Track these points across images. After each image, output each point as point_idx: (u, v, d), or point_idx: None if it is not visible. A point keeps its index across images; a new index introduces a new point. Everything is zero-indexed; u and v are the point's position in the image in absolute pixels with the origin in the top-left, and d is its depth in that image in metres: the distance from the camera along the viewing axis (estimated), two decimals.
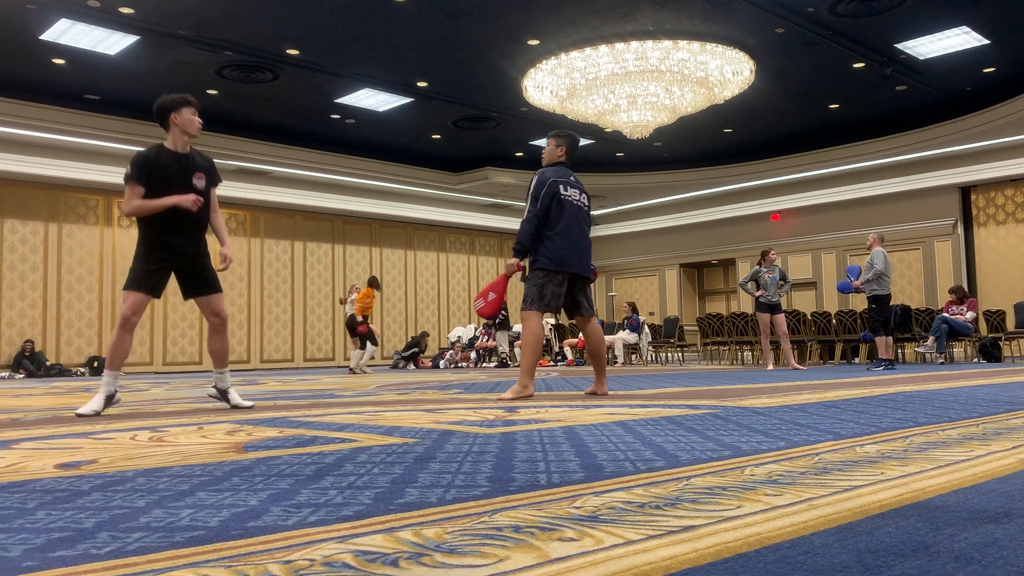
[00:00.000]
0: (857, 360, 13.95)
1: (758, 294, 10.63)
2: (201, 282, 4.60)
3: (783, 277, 10.76)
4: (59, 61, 12.31)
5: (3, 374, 14.33)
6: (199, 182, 4.53)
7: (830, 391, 5.24)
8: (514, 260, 5.17)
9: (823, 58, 12.63)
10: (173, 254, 4.45)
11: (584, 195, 5.30)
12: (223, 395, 4.69)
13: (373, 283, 12.82)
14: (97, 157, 15.29)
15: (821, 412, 3.59)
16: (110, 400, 4.34)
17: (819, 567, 1.09)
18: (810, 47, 12.18)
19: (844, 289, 10.56)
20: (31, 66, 12.50)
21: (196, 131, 4.54)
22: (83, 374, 15.03)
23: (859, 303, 14.53)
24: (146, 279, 4.39)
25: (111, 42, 11.59)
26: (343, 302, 14.18)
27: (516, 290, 17.06)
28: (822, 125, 16.36)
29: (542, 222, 5.06)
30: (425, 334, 17.73)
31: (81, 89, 13.59)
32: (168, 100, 4.53)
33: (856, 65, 12.92)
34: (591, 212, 5.41)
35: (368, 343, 12.82)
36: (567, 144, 5.38)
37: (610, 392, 5.42)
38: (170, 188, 4.37)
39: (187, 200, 4.34)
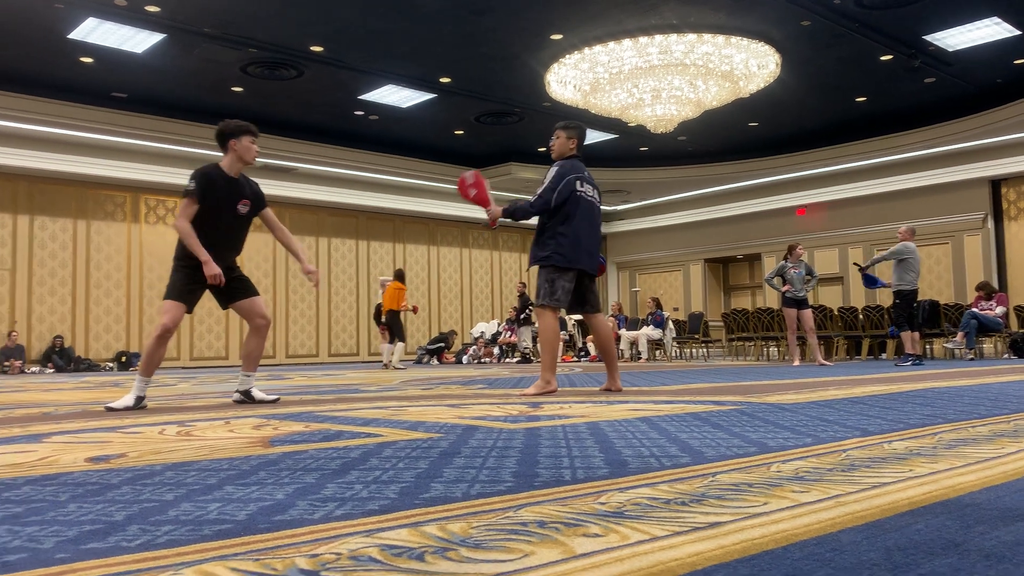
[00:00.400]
0: (884, 356, 13.80)
1: (784, 289, 10.54)
2: (238, 288, 4.69)
3: (809, 272, 10.65)
4: (87, 60, 12.46)
5: (34, 368, 14.55)
6: (243, 208, 4.65)
7: (857, 387, 5.19)
8: (498, 210, 5.16)
9: (850, 50, 12.49)
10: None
11: (596, 190, 5.27)
12: (247, 396, 4.73)
13: (400, 276, 12.92)
14: (124, 154, 15.46)
15: (848, 408, 3.56)
16: (139, 402, 4.38)
17: (847, 564, 1.08)
18: (836, 39, 12.05)
19: (871, 283, 10.45)
20: (59, 65, 12.66)
21: (252, 160, 4.67)
22: (111, 369, 15.23)
23: (886, 298, 14.37)
24: (188, 294, 4.48)
25: (137, 40, 11.71)
26: (415, 310, 14.25)
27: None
28: (849, 118, 16.18)
29: (552, 216, 5.03)
30: (453, 332, 17.82)
31: (108, 87, 13.75)
32: (231, 126, 4.67)
33: (883, 57, 12.76)
34: (601, 206, 5.36)
35: (396, 337, 12.87)
36: (578, 135, 5.34)
37: (634, 388, 5.40)
38: (219, 211, 4.51)
39: (211, 274, 4.39)
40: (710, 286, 22.24)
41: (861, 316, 13.67)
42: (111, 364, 15.52)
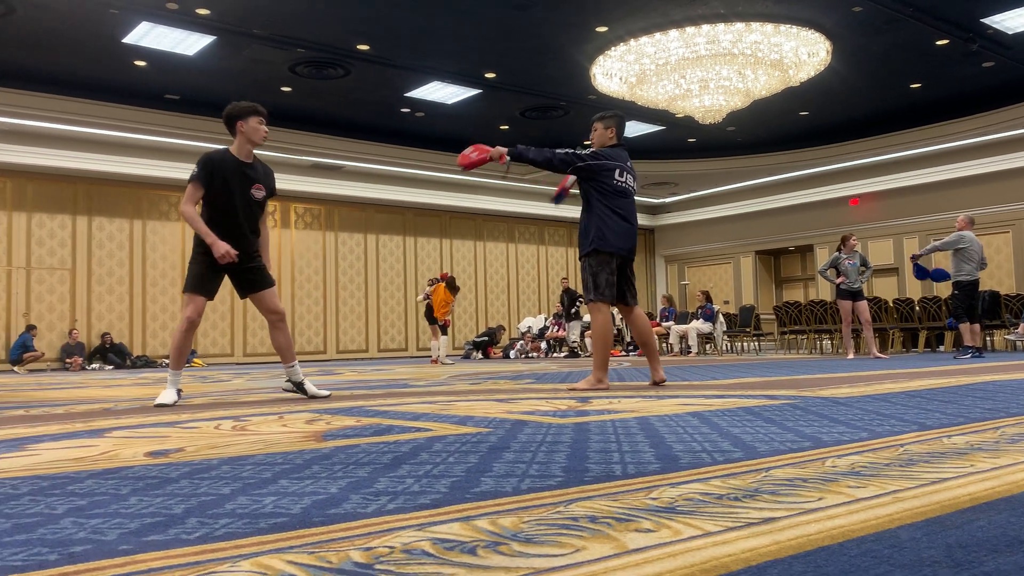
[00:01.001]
0: (942, 348, 13.47)
1: (838, 281, 10.35)
2: (254, 280, 4.63)
3: (864, 263, 10.44)
4: (140, 63, 12.75)
5: (94, 365, 14.97)
6: (257, 193, 4.58)
7: (914, 380, 5.07)
8: (504, 151, 5.03)
9: (904, 36, 12.18)
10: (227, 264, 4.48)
11: (632, 175, 5.20)
12: (299, 387, 4.74)
13: (450, 284, 13.46)
14: (178, 155, 15.80)
15: (905, 402, 3.48)
16: (180, 395, 4.49)
17: (906, 562, 1.06)
18: (890, 25, 11.76)
19: (938, 277, 10.19)
20: (115, 69, 12.98)
21: (261, 140, 4.61)
22: (167, 365, 15.56)
23: (943, 290, 14.02)
24: (207, 283, 4.48)
25: (189, 43, 11.95)
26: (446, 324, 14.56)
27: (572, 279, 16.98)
28: (903, 105, 15.80)
29: (593, 205, 4.97)
30: (500, 328, 17.93)
31: (161, 89, 14.05)
32: (236, 108, 4.60)
33: (939, 42, 12.43)
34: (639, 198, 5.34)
35: (442, 332, 13.24)
36: (616, 124, 5.24)
37: (684, 382, 5.35)
38: (230, 196, 4.47)
39: (220, 253, 4.36)
40: (761, 278, 21.94)
41: (918, 308, 13.35)
42: (167, 360, 15.86)
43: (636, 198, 5.22)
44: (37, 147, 14.55)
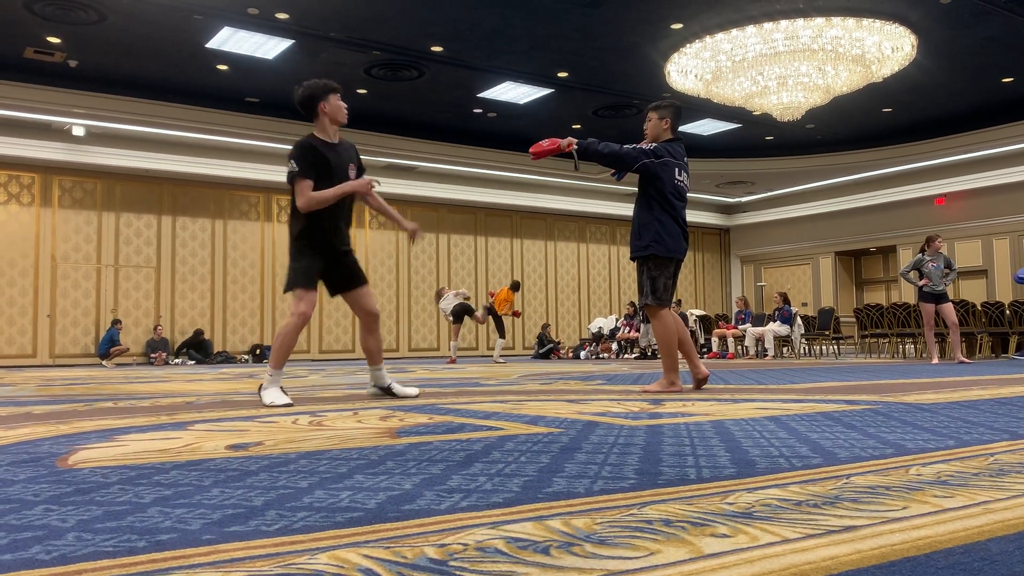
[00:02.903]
0: None
1: (921, 283, 10.00)
2: (348, 275, 4.42)
3: (948, 265, 10.07)
4: (223, 67, 13.15)
5: (176, 360, 15.51)
6: (352, 172, 4.37)
7: (1004, 387, 4.86)
8: (571, 141, 4.82)
9: (995, 28, 11.70)
10: (327, 250, 4.27)
11: (686, 172, 4.99)
12: (387, 391, 4.59)
13: (515, 286, 14.04)
14: (257, 156, 16.26)
15: (995, 409, 3.34)
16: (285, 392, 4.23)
17: (998, 575, 1.02)
18: (980, 17, 11.31)
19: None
20: (198, 73, 13.42)
21: (344, 118, 4.35)
22: (247, 361, 16.03)
23: None
24: (314, 275, 4.24)
25: (268, 47, 12.27)
26: (516, 314, 14.93)
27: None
28: (994, 101, 15.16)
29: (651, 204, 4.83)
30: (546, 325, 18.22)
31: (243, 93, 14.46)
32: (314, 87, 4.31)
33: None
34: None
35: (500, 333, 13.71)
36: (671, 115, 5.01)
37: (760, 386, 5.24)
38: (331, 181, 4.18)
39: (363, 184, 4.22)
40: (841, 280, 21.35)
41: (1008, 311, 12.80)
42: (246, 356, 16.34)
43: (710, 197, 5.12)
44: (125, 149, 15.16)
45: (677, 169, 4.87)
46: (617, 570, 1.05)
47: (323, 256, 4.26)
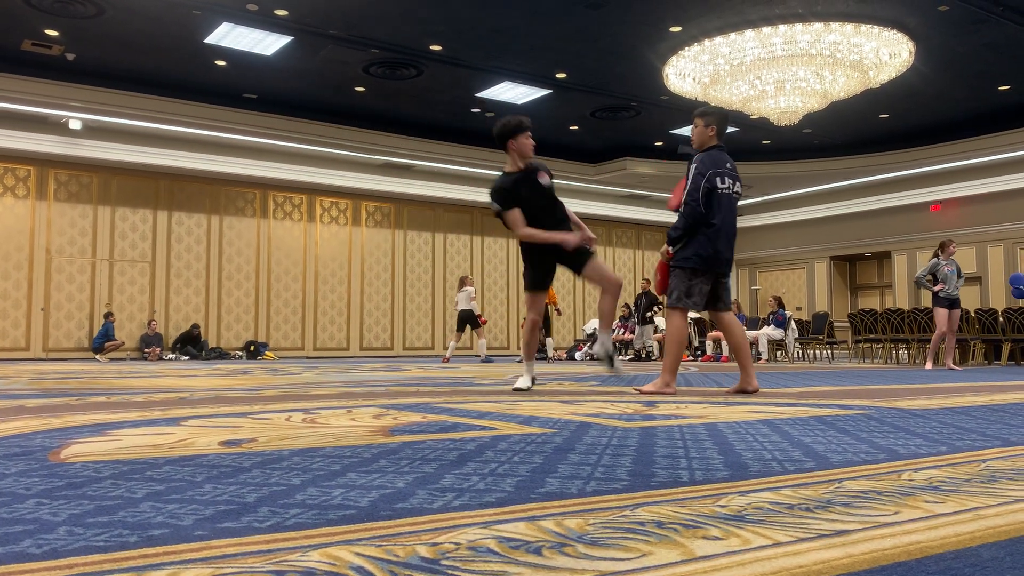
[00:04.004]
0: None
1: (936, 288, 9.98)
2: (580, 253, 5.01)
3: (957, 271, 10.07)
4: (221, 63, 13.13)
5: (170, 355, 15.48)
6: (543, 180, 4.99)
7: (997, 394, 4.88)
8: (665, 247, 4.94)
9: (992, 36, 11.74)
10: (547, 255, 5.05)
11: (737, 183, 4.93)
12: (609, 359, 5.12)
13: None
14: (254, 153, 16.24)
15: (987, 416, 3.35)
16: (534, 382, 5.16)
17: None
18: (977, 25, 11.35)
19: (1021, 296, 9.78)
20: (196, 68, 13.40)
21: (530, 154, 4.97)
22: (240, 357, 16.01)
23: None
24: (541, 279, 5.14)
25: (267, 43, 12.26)
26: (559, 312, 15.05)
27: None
28: (990, 108, 15.22)
29: (704, 214, 4.76)
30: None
31: (240, 89, 14.45)
32: (507, 127, 4.94)
33: None
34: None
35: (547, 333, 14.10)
36: (717, 122, 4.97)
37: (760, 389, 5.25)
38: (530, 207, 4.91)
39: (570, 241, 4.88)
40: (836, 285, 21.40)
41: (1001, 319, 12.84)
42: (240, 353, 16.32)
43: None
44: (122, 144, 15.13)
45: (719, 178, 4.79)
46: (609, 571, 1.05)
47: (542, 258, 5.07)
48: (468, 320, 13.23)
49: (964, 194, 17.94)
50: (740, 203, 5.15)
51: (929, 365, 10.27)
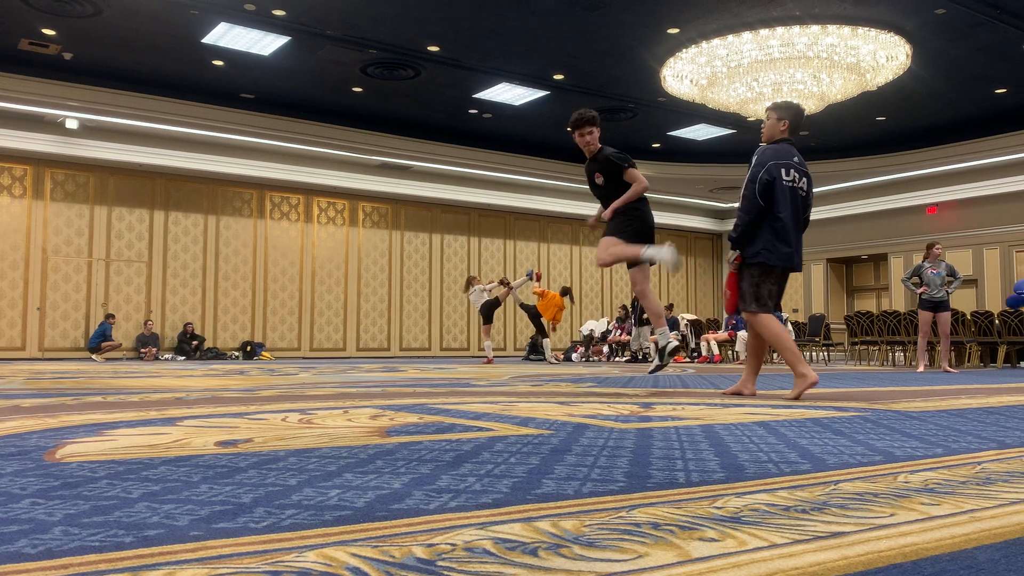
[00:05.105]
0: (1023, 364, 12.95)
1: (919, 291, 10.00)
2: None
3: (951, 272, 10.05)
4: (218, 63, 13.12)
5: (167, 355, 15.45)
6: (598, 179, 5.34)
7: (992, 396, 4.89)
8: (733, 253, 4.72)
9: (989, 39, 11.76)
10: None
11: (805, 178, 4.70)
12: (661, 354, 5.17)
13: (566, 292, 14.22)
14: (251, 153, 16.22)
15: (983, 418, 3.35)
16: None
17: None
18: (974, 28, 11.37)
19: (1016, 303, 9.79)
20: (194, 68, 13.39)
21: (583, 147, 5.43)
22: (237, 357, 15.99)
23: None
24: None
25: (265, 43, 12.25)
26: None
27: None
28: (987, 111, 15.26)
29: (762, 207, 4.54)
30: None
31: (237, 89, 14.43)
32: (570, 121, 5.47)
33: None
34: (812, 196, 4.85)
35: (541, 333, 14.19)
36: (790, 116, 4.75)
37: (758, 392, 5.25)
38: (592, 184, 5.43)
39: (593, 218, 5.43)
40: (832, 287, 21.42)
41: (997, 321, 12.86)
42: (237, 353, 16.30)
43: (703, 202, 5.12)
44: (119, 143, 15.11)
45: (783, 169, 4.59)
46: (605, 572, 1.05)
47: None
48: (493, 307, 13.24)
49: (961, 197, 17.98)
50: (735, 205, 5.09)
51: (921, 368, 10.29)
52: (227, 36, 11.96)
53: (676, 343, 5.20)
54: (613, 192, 5.24)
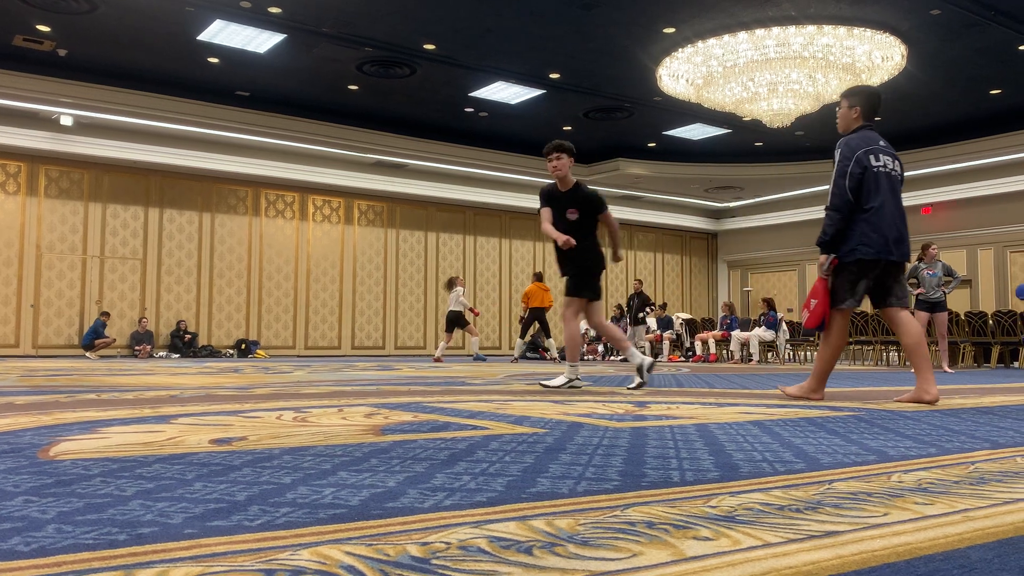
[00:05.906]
0: (1017, 364, 13.00)
1: (916, 292, 10.01)
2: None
3: (949, 273, 10.06)
4: (213, 60, 13.09)
5: (161, 353, 15.42)
6: (571, 215, 5.50)
7: (986, 396, 4.90)
8: (823, 257, 4.38)
9: (984, 40, 11.79)
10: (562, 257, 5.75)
11: (897, 161, 4.40)
12: (639, 370, 5.30)
13: (539, 277, 14.09)
14: (247, 151, 16.19)
15: (976, 418, 3.37)
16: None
17: None
18: (969, 29, 11.40)
19: None
20: (189, 65, 13.35)
21: (552, 174, 5.53)
22: (232, 355, 15.96)
23: (1020, 303, 13.51)
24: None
25: (260, 41, 12.22)
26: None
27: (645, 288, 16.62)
28: (982, 112, 15.30)
29: (853, 203, 4.26)
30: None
31: (233, 86, 14.40)
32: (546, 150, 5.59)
33: (1022, 47, 11.99)
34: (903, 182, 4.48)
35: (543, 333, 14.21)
36: (862, 102, 4.47)
37: (744, 391, 5.25)
38: (559, 214, 5.55)
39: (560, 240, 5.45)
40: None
41: (991, 321, 12.90)
42: (231, 351, 16.27)
43: (699, 201, 5.11)
44: (113, 140, 15.06)
45: (872, 156, 4.30)
46: (599, 571, 1.05)
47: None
48: (456, 321, 13.16)
49: (956, 197, 18.03)
50: (734, 204, 5.05)
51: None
52: (222, 33, 11.93)
53: (651, 359, 5.42)
54: (580, 227, 5.53)
